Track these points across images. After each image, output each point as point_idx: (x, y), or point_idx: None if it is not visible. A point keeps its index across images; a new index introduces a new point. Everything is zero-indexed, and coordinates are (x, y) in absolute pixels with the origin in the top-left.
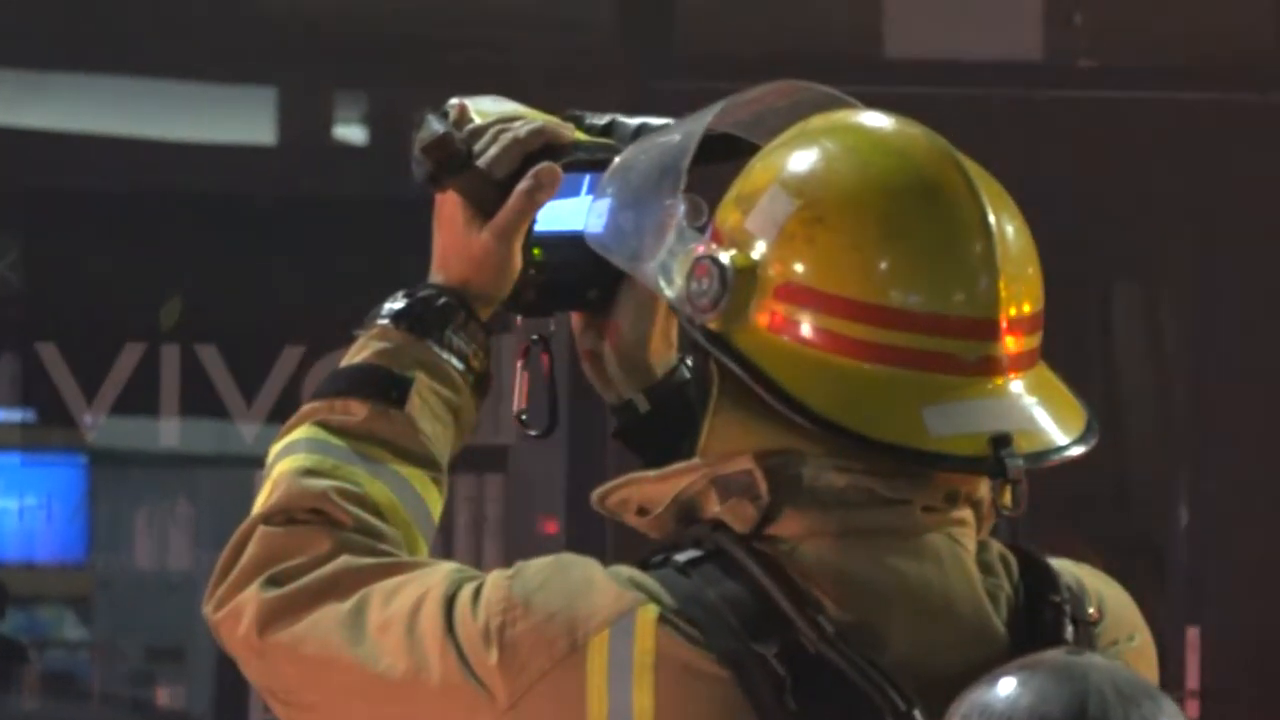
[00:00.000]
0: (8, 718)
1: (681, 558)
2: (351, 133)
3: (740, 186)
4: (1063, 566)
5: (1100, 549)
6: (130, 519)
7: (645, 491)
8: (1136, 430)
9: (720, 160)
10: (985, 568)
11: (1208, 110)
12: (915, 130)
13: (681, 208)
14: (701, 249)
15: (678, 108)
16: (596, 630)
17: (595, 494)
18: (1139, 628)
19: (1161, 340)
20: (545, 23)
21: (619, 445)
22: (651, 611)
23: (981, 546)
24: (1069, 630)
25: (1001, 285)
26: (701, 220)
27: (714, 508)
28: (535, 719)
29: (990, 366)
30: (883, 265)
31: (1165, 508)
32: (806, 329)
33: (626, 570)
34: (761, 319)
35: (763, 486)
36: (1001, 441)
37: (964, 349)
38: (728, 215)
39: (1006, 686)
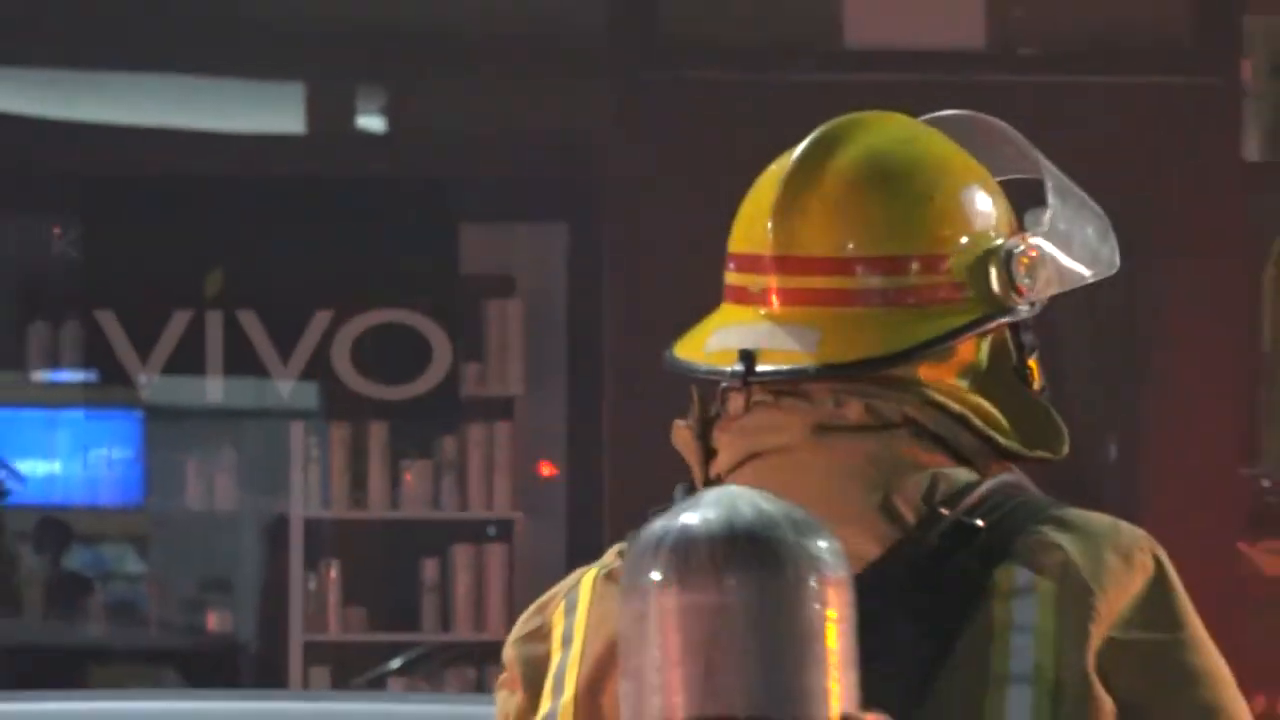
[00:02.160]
0: (75, 643)
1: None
2: (368, 122)
3: None
4: (1064, 522)
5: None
6: (181, 466)
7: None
8: (1074, 381)
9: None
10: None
11: (1133, 91)
12: (861, 114)
13: None
14: None
15: (660, 93)
16: (560, 592)
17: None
18: (1093, 577)
19: (1097, 299)
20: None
21: (614, 398)
22: (604, 565)
23: (947, 477)
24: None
25: (771, 226)
26: None
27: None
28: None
29: (765, 297)
30: (748, 213)
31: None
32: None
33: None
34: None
35: (702, 409)
36: (745, 360)
37: (749, 281)
38: None
39: (673, 515)
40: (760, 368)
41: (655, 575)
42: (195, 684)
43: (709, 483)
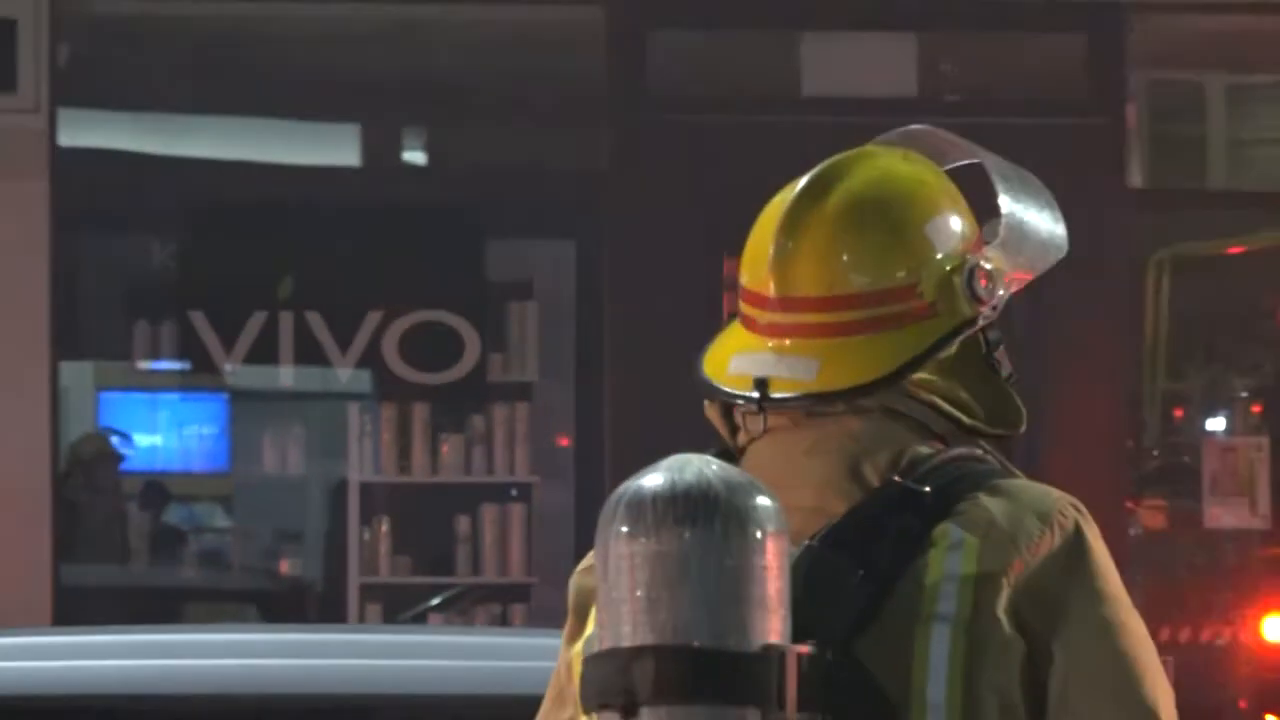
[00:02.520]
0: (172, 585)
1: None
2: (414, 158)
3: None
4: (999, 487)
5: None
6: (258, 439)
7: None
8: None
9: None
10: (878, 465)
11: (1040, 130)
12: (837, 158)
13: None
14: None
15: (648, 137)
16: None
17: None
18: (1017, 532)
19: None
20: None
21: (613, 382)
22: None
23: (918, 453)
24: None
25: (773, 272)
26: None
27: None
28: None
29: (771, 330)
30: (749, 253)
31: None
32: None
33: None
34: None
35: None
36: (760, 387)
37: (757, 315)
38: None
39: (636, 476)
40: (773, 394)
41: (616, 526)
42: (270, 619)
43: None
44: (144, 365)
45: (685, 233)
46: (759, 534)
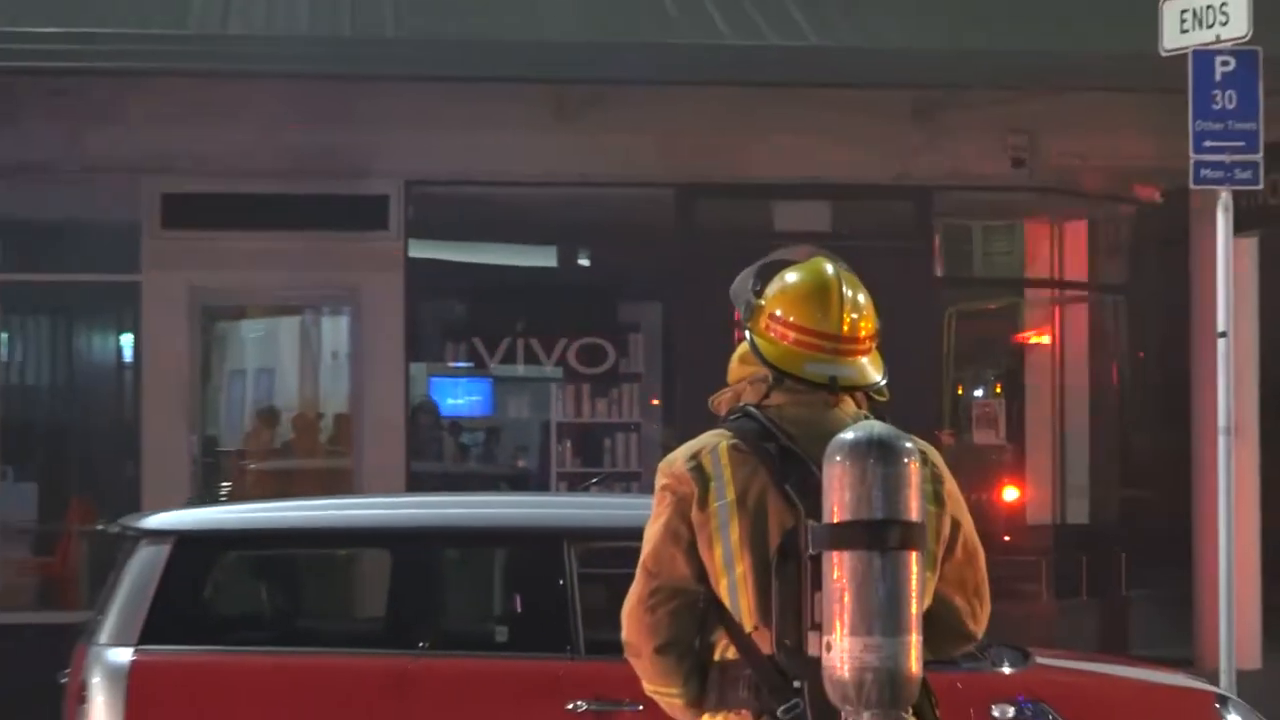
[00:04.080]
0: (465, 473)
1: (734, 417)
2: (575, 263)
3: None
4: (914, 438)
5: None
6: (506, 400)
7: (726, 397)
8: None
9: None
10: (857, 417)
11: (897, 250)
12: (823, 259)
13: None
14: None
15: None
16: (706, 448)
17: (710, 400)
18: (949, 476)
19: None
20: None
21: (680, 376)
22: (726, 439)
23: (861, 416)
24: None
25: (840, 320)
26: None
27: (747, 396)
28: (691, 491)
29: (838, 350)
30: (804, 310)
31: None
32: (779, 328)
33: (718, 429)
34: (761, 322)
35: (768, 381)
36: (833, 379)
37: (824, 343)
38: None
39: (848, 431)
40: (841, 383)
41: (838, 457)
42: (513, 490)
43: (759, 407)
44: (451, 364)
45: (714, 293)
46: (913, 459)
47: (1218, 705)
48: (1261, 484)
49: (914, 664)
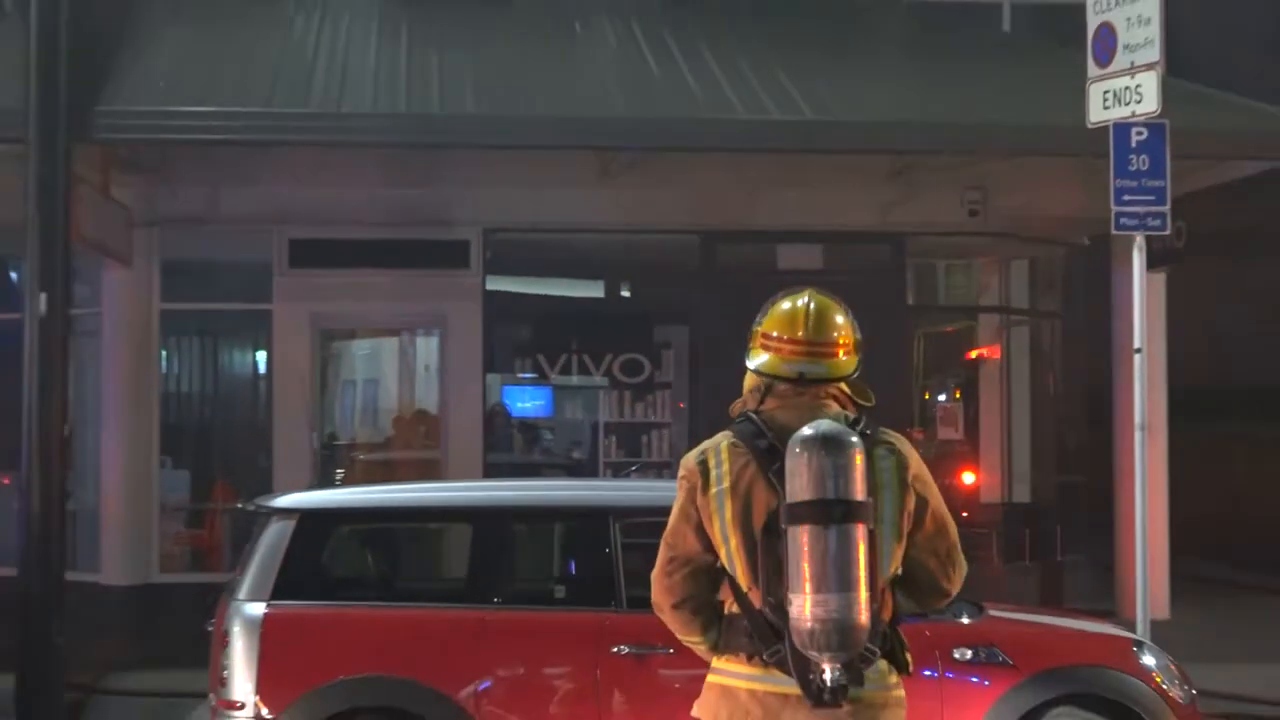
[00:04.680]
0: (530, 462)
1: (738, 421)
2: (618, 294)
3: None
4: (889, 432)
5: None
6: (564, 404)
7: (738, 405)
8: None
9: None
10: (838, 418)
11: (876, 278)
12: (809, 291)
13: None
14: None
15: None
16: (712, 446)
17: (730, 407)
18: (916, 463)
19: None
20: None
21: (704, 387)
22: (728, 438)
23: (845, 417)
24: (867, 437)
25: (807, 329)
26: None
27: (749, 403)
28: (697, 481)
29: (806, 353)
30: (781, 324)
31: None
32: (766, 342)
33: (726, 430)
34: (756, 343)
35: (762, 390)
36: (801, 375)
37: (798, 346)
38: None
39: (803, 429)
40: (804, 378)
41: (797, 449)
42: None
43: (756, 413)
44: (519, 375)
45: (733, 325)
46: (851, 450)
47: (1135, 648)
48: (1170, 471)
49: (861, 616)
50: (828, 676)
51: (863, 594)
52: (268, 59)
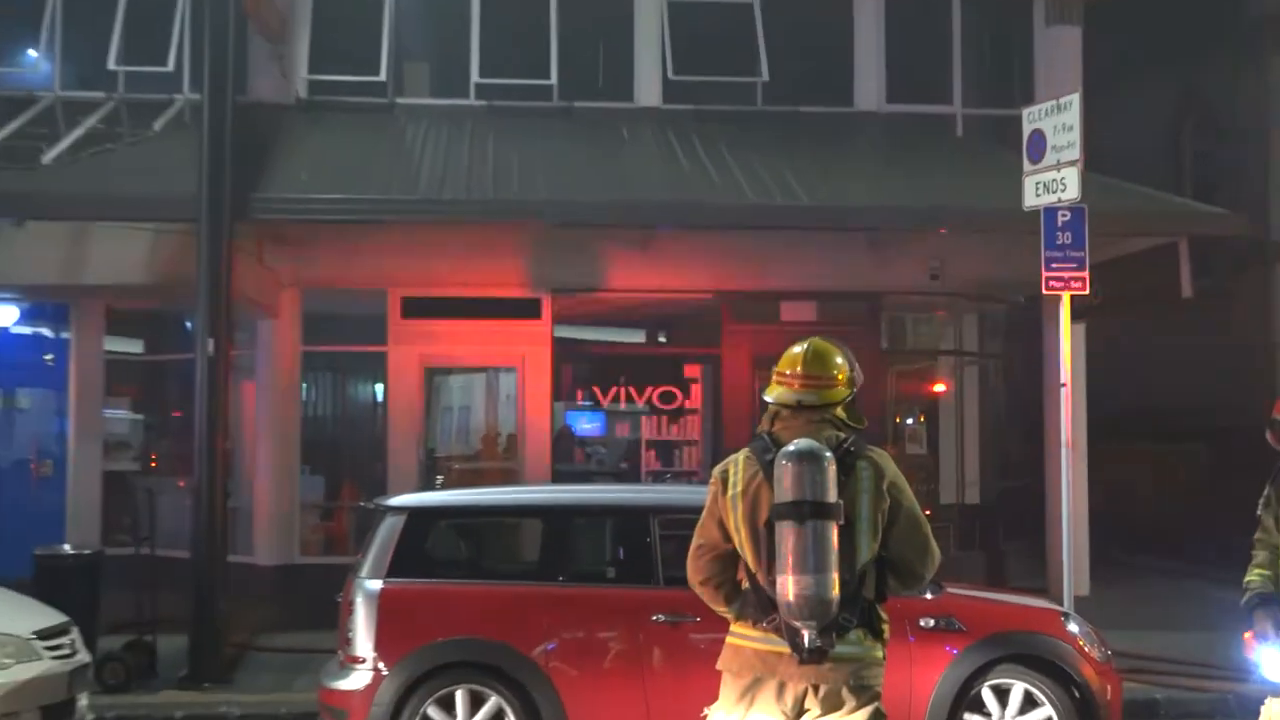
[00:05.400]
0: (585, 471)
1: (755, 438)
2: (657, 339)
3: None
4: (873, 449)
5: None
6: (615, 426)
7: (760, 427)
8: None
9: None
10: (831, 438)
11: (857, 327)
12: (812, 338)
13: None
14: None
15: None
16: (732, 460)
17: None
18: (892, 473)
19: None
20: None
21: (727, 409)
22: (744, 453)
23: (837, 436)
24: (843, 451)
25: (799, 370)
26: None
27: (763, 425)
28: (720, 487)
29: (800, 384)
30: (785, 362)
31: None
32: (778, 378)
33: (746, 447)
34: (771, 380)
35: (772, 415)
36: (798, 401)
37: (794, 379)
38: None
39: (788, 445)
40: (801, 404)
41: (782, 461)
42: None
43: (768, 433)
44: (579, 403)
45: (747, 360)
46: (826, 463)
47: (1062, 618)
48: (1091, 477)
49: (831, 592)
50: (806, 639)
51: (834, 575)
52: (384, 157)
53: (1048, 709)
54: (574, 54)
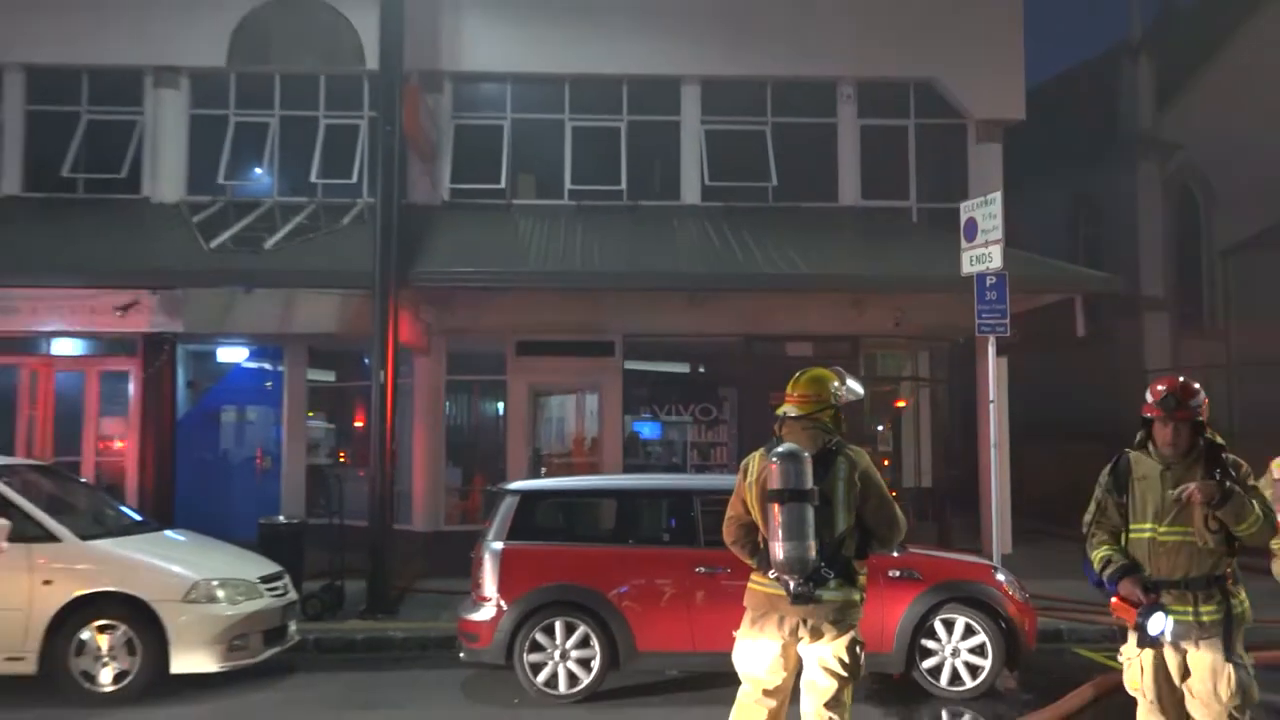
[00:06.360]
0: (642, 465)
1: (770, 440)
2: (699, 372)
3: None
4: (852, 447)
5: None
6: (670, 433)
7: (775, 432)
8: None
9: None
10: (815, 439)
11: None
12: (809, 368)
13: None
14: None
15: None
16: (752, 456)
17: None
18: (864, 465)
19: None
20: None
21: (742, 421)
22: (761, 451)
23: (825, 438)
24: (826, 449)
25: (794, 389)
26: None
27: (774, 430)
28: (741, 476)
29: (791, 400)
30: (788, 385)
31: None
32: (786, 397)
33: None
34: (785, 401)
35: (779, 423)
36: (785, 412)
37: (789, 397)
38: None
39: (775, 446)
40: (788, 416)
41: (771, 460)
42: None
43: (777, 437)
44: (643, 416)
45: (763, 389)
46: (803, 461)
47: (993, 570)
48: (1021, 469)
49: (809, 554)
50: (792, 587)
51: (810, 542)
52: (504, 242)
53: (982, 636)
54: (638, 167)
